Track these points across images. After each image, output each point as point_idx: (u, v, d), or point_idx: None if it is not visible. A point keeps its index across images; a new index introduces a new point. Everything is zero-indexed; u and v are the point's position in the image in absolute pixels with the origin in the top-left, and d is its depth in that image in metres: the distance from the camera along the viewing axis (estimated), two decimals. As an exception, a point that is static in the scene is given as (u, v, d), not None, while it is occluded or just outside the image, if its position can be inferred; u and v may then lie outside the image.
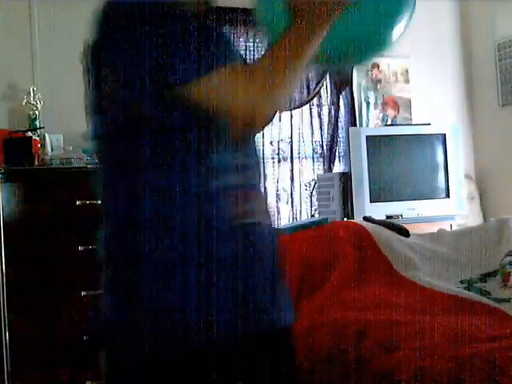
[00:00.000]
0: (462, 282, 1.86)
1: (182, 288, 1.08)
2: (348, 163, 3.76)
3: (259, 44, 3.75)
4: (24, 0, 3.28)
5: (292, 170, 3.90)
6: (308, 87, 3.85)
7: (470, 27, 4.34)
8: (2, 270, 2.68)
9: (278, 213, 3.83)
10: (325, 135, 3.93)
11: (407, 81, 4.18)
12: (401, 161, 3.68)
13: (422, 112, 4.16)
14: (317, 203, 3.83)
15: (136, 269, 1.09)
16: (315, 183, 3.87)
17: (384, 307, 1.75)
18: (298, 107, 3.87)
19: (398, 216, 3.56)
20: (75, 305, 2.81)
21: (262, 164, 1.28)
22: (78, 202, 2.82)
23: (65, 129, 3.26)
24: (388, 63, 4.13)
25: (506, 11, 4.00)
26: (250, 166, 1.19)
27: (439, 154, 3.77)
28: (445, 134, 3.76)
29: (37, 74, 3.28)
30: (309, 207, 3.93)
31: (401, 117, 4.16)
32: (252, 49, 3.77)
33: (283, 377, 1.20)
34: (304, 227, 2.71)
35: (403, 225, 2.58)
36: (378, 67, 4.10)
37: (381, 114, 4.12)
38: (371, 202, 3.54)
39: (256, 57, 3.79)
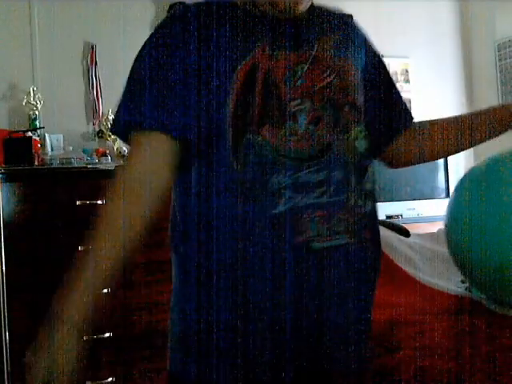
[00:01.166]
0: (462, 281, 1.85)
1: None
2: (348, 163, 3.75)
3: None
4: (24, 0, 3.28)
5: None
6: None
7: (469, 27, 4.34)
8: (2, 270, 2.68)
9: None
10: (325, 135, 3.92)
11: (407, 81, 4.18)
12: (401, 161, 3.67)
13: (422, 112, 4.15)
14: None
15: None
16: (315, 183, 3.86)
17: (384, 307, 1.75)
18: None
19: (397, 216, 3.56)
20: (75, 305, 2.80)
21: None
22: (78, 202, 2.82)
23: (65, 129, 3.26)
24: (388, 63, 4.11)
25: (506, 11, 4.00)
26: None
27: (439, 153, 3.77)
28: (445, 134, 3.76)
29: (37, 73, 3.28)
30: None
31: (401, 117, 4.15)
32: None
33: None
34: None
35: (403, 225, 2.57)
36: (378, 67, 4.10)
37: (381, 114, 4.11)
38: (371, 201, 3.53)
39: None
